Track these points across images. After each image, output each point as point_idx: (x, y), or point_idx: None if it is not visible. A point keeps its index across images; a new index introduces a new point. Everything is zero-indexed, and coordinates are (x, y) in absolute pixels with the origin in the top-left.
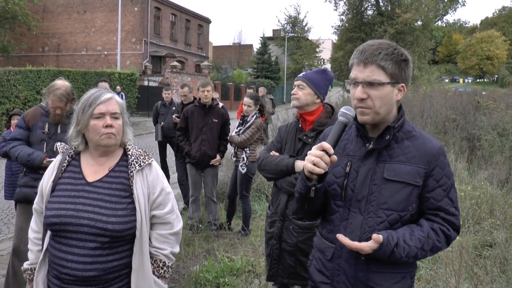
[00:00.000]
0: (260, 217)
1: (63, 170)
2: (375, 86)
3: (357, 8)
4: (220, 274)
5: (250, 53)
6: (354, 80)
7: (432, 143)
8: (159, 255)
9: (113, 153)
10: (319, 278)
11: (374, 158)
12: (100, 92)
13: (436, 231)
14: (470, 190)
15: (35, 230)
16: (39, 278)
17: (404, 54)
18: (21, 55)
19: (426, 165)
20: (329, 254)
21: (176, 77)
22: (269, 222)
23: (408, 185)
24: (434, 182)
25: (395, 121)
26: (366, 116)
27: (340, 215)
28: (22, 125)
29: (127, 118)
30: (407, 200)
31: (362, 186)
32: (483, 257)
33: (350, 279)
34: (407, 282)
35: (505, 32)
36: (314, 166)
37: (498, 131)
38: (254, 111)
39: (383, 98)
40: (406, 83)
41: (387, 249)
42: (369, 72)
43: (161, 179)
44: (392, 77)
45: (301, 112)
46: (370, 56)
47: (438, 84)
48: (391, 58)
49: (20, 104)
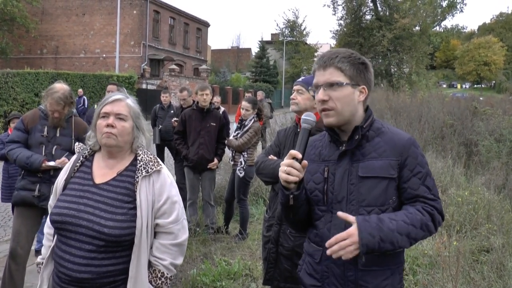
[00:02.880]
0: (257, 221)
1: (75, 170)
2: (334, 87)
3: (356, 13)
4: (218, 277)
5: (249, 57)
6: (316, 85)
7: (401, 135)
8: (159, 265)
9: (124, 157)
10: (309, 281)
11: (348, 159)
12: (113, 94)
13: (419, 210)
14: (467, 196)
15: (49, 226)
16: (45, 274)
17: (362, 59)
18: (20, 57)
19: (398, 156)
20: (317, 257)
21: (174, 81)
22: (266, 226)
23: (383, 178)
24: (409, 172)
25: (362, 121)
26: (330, 118)
27: (324, 219)
28: (21, 128)
29: (142, 124)
30: (385, 193)
31: (340, 187)
32: (480, 263)
33: (340, 280)
34: (396, 278)
35: (502, 38)
36: (287, 175)
37: (495, 137)
38: (252, 115)
39: (344, 98)
40: (367, 86)
41: (368, 226)
42: (328, 74)
43: (169, 187)
44: (351, 78)
45: (300, 117)
46: (328, 59)
47: (436, 90)
48: (348, 60)
49: (18, 106)
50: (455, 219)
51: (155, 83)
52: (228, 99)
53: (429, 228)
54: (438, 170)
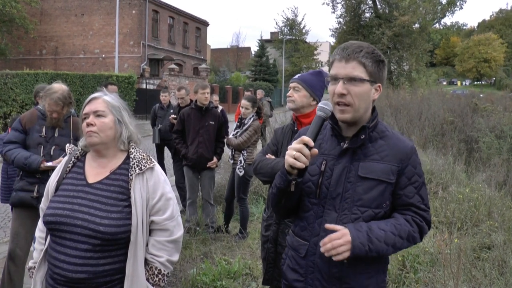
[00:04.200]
0: (257, 220)
1: (67, 170)
2: (356, 82)
3: (355, 10)
4: (218, 277)
5: (248, 55)
6: (335, 76)
7: (405, 143)
8: (155, 262)
9: (115, 155)
10: (292, 276)
11: (349, 157)
12: (91, 95)
13: (409, 221)
14: (468, 193)
15: (40, 229)
16: (38, 278)
17: (382, 56)
18: (19, 58)
19: (399, 163)
20: (302, 252)
21: (174, 80)
22: (265, 226)
23: (382, 182)
24: (406, 180)
25: (369, 121)
26: (346, 114)
27: (315, 213)
28: (19, 128)
29: (125, 118)
30: (381, 197)
31: (337, 184)
32: (481, 260)
33: (324, 276)
34: (380, 277)
35: (502, 34)
36: (295, 160)
37: (496, 133)
38: (252, 114)
39: (363, 95)
40: (382, 84)
41: (361, 235)
42: (351, 68)
43: (162, 184)
44: (371, 75)
45: (297, 115)
46: (352, 52)
47: (436, 87)
48: (371, 56)
49: (18, 107)
50: (456, 216)
51: (155, 82)
52: (228, 98)
53: (415, 240)
54: (439, 167)
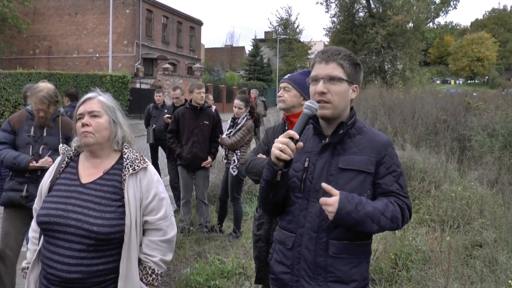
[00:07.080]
0: (251, 219)
1: (61, 171)
2: (335, 81)
3: (349, 10)
4: (211, 276)
5: (242, 55)
6: (316, 77)
7: (381, 136)
8: (149, 262)
9: (109, 156)
10: (279, 268)
11: (329, 152)
12: (85, 95)
13: (392, 202)
14: (461, 191)
15: (34, 230)
16: (31, 278)
17: (358, 60)
18: (12, 58)
19: (376, 154)
20: (289, 243)
21: (168, 80)
22: (257, 225)
23: (361, 172)
24: (385, 170)
25: (347, 118)
26: (326, 110)
27: (300, 206)
28: (8, 129)
29: (119, 118)
30: (361, 186)
31: (319, 177)
32: (473, 257)
33: (310, 265)
34: (364, 267)
35: (495, 33)
36: (281, 152)
37: (488, 132)
38: (245, 113)
39: (341, 93)
40: (358, 86)
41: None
42: (331, 68)
43: (156, 184)
44: (349, 76)
45: (288, 114)
46: (331, 55)
47: (429, 86)
48: (348, 59)
49: (11, 107)
50: (448, 214)
51: (149, 82)
52: (222, 97)
53: (397, 222)
54: (432, 166)
